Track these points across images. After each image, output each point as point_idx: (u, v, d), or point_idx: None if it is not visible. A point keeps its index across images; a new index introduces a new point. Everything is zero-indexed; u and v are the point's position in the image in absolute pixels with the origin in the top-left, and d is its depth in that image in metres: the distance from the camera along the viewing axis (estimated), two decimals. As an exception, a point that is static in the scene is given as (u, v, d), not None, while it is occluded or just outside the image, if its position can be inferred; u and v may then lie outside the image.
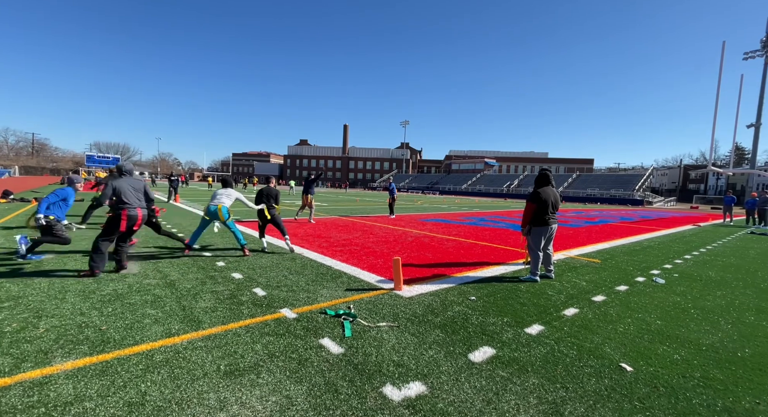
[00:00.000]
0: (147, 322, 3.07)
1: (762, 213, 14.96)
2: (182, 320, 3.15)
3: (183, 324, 3.07)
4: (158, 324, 3.05)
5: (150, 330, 2.93)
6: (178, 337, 2.82)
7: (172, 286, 4.12)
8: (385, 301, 3.85)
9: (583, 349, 2.79)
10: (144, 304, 3.49)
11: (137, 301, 3.57)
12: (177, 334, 2.87)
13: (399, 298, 3.96)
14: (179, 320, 3.14)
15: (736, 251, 8.15)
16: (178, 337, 2.83)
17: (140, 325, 3.02)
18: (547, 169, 5.02)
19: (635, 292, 4.45)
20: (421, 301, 3.87)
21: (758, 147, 45.98)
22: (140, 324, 3.04)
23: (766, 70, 46.86)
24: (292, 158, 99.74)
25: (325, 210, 15.94)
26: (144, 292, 3.85)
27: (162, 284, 4.16)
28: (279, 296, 3.88)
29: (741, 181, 58.92)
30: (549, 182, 4.87)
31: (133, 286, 4.04)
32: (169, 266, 4.98)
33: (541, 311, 3.64)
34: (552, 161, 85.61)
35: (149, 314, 3.26)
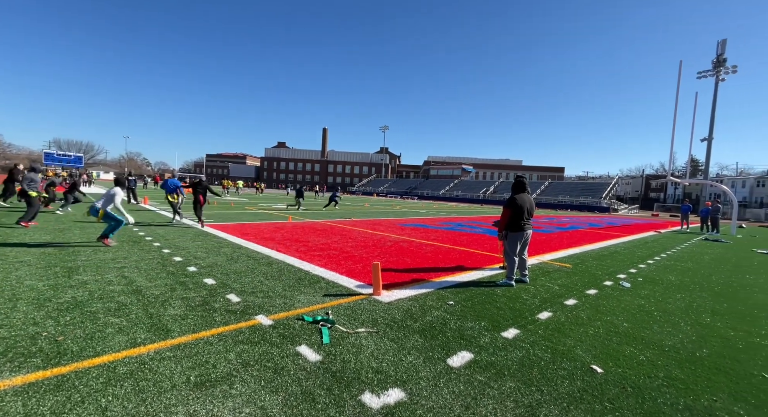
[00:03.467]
0: (109, 332, 2.89)
1: (714, 221, 16.10)
2: (149, 329, 2.98)
3: (150, 333, 2.90)
4: (122, 333, 2.87)
5: (113, 340, 2.75)
6: (144, 347, 2.66)
7: (139, 292, 3.90)
8: (364, 306, 3.81)
9: (557, 352, 2.86)
10: (107, 313, 3.28)
11: (99, 309, 3.35)
12: (143, 344, 2.71)
13: (378, 303, 3.93)
14: (146, 329, 2.97)
15: (693, 256, 8.70)
16: (144, 347, 2.67)
17: (102, 334, 2.83)
18: (523, 176, 5.18)
19: (604, 296, 4.64)
20: (400, 306, 3.86)
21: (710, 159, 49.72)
22: (102, 334, 2.84)
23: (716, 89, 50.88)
24: (269, 160, 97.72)
25: (302, 214, 15.70)
26: (107, 300, 3.62)
27: (127, 291, 3.93)
28: (254, 302, 3.75)
29: (696, 190, 63.29)
30: (524, 189, 5.02)
31: (94, 293, 3.79)
32: (135, 272, 4.72)
33: (516, 315, 3.72)
34: (526, 168, 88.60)
35: (112, 323, 3.06)
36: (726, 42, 51.73)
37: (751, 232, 18.80)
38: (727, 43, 52.03)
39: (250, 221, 11.41)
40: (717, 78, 50.53)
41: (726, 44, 51.42)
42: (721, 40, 51.81)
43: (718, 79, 50.48)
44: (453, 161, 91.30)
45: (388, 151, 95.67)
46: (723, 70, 50.54)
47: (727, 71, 50.15)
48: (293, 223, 11.40)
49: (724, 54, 51.18)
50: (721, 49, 51.46)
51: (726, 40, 51.65)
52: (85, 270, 4.68)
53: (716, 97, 51.28)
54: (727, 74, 50.24)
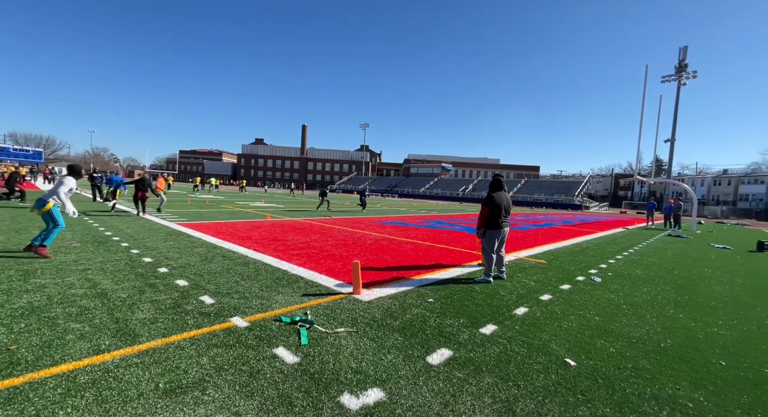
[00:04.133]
0: (70, 339, 2.71)
1: (677, 217, 17.05)
2: (114, 334, 2.82)
3: (115, 339, 2.74)
4: (84, 340, 2.70)
5: (73, 347, 2.58)
6: (108, 354, 2.51)
7: (104, 296, 3.69)
8: (343, 305, 3.77)
9: (533, 347, 2.93)
10: (67, 318, 3.08)
11: (58, 315, 3.14)
12: (107, 351, 2.55)
13: (358, 302, 3.90)
14: (110, 334, 2.81)
15: (657, 252, 9.18)
16: (108, 353, 2.52)
17: (61, 342, 2.65)
18: (500, 174, 5.27)
19: (577, 291, 4.80)
20: (380, 304, 3.84)
21: (673, 159, 52.68)
22: (61, 341, 2.66)
23: (678, 92, 53.86)
24: (247, 157, 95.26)
25: (281, 212, 15.40)
26: (68, 304, 3.40)
27: (91, 294, 3.70)
28: (229, 304, 3.63)
29: (660, 188, 66.87)
30: (502, 187, 5.12)
31: (53, 298, 3.55)
32: (100, 274, 4.47)
33: (494, 311, 3.79)
34: (503, 167, 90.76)
35: (73, 329, 2.87)
36: (687, 48, 54.72)
37: (708, 228, 20.07)
38: (688, 49, 55.01)
39: (226, 220, 11.08)
40: (679, 82, 53.45)
41: (687, 51, 54.41)
42: (682, 47, 54.78)
43: (680, 83, 53.40)
44: (433, 159, 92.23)
45: (368, 148, 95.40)
46: (684, 75, 53.48)
47: (688, 76, 53.12)
48: (271, 222, 11.16)
49: (686, 60, 54.17)
50: (682, 55, 54.42)
51: (687, 47, 54.64)
52: (44, 273, 4.38)
53: (678, 101, 54.28)
54: (688, 79, 53.23)
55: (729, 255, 9.32)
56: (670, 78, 53.42)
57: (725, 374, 2.64)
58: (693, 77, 53.41)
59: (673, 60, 64.29)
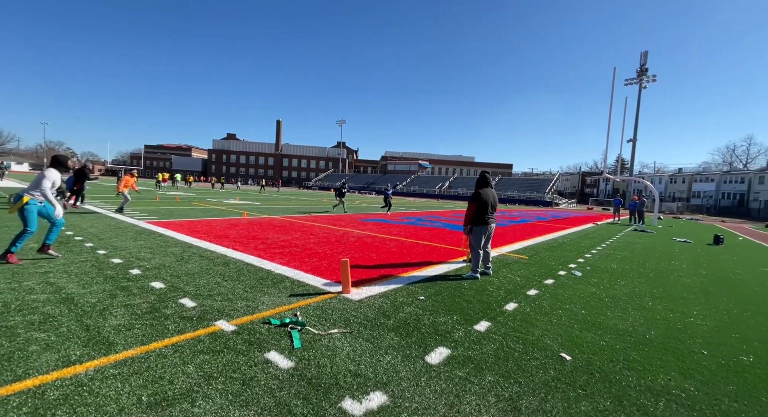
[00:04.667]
0: (34, 350, 2.44)
1: (641, 213, 18.07)
2: (86, 343, 2.57)
3: (87, 348, 2.50)
4: (50, 350, 2.44)
5: (39, 359, 2.32)
6: (80, 365, 2.28)
7: (70, 301, 3.38)
8: (334, 305, 3.66)
9: (528, 342, 2.96)
10: (28, 327, 2.78)
11: (18, 324, 2.83)
12: (79, 362, 2.32)
13: (348, 301, 3.79)
14: (81, 344, 2.56)
15: (627, 246, 9.66)
16: (80, 365, 2.29)
17: (23, 354, 2.38)
18: (487, 171, 5.31)
19: (560, 285, 4.93)
20: (371, 303, 3.76)
21: (635, 158, 55.96)
22: (23, 353, 2.39)
23: (639, 95, 57.00)
24: (218, 153, 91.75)
25: (258, 209, 14.92)
26: (28, 311, 3.07)
27: (55, 300, 3.38)
28: (212, 307, 3.42)
29: (623, 186, 70.85)
30: (488, 184, 5.15)
31: (10, 305, 3.20)
32: (63, 277, 4.09)
33: (485, 307, 3.80)
34: (479, 165, 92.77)
35: (37, 339, 2.59)
36: (647, 53, 57.84)
37: (667, 223, 21.46)
38: (648, 54, 58.13)
39: (199, 218, 10.57)
40: (640, 85, 56.52)
41: (647, 55, 57.56)
42: (643, 52, 57.89)
43: (641, 86, 56.49)
44: (410, 156, 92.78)
45: (345, 145, 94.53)
46: (645, 79, 56.58)
47: (648, 80, 56.24)
48: (249, 220, 10.77)
49: (646, 64, 57.33)
50: (643, 59, 57.55)
51: (647, 52, 57.76)
52: (-3, 277, 3.96)
53: (639, 103, 57.43)
54: (648, 82, 56.39)
55: (690, 248, 9.96)
56: (633, 81, 56.38)
57: (709, 363, 2.77)
58: (653, 81, 56.61)
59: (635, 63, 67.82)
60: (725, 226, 22.68)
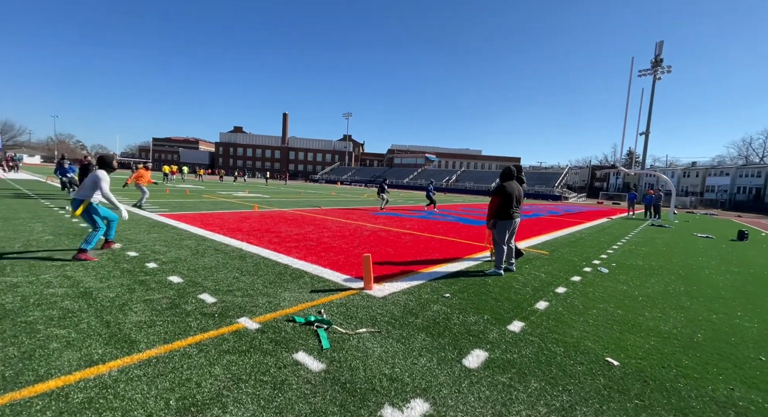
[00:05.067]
0: (55, 348, 2.34)
1: (657, 208, 17.62)
2: (107, 341, 2.46)
3: (109, 346, 2.39)
4: (72, 348, 2.34)
5: (60, 358, 2.22)
6: (103, 365, 2.17)
7: (88, 295, 3.29)
8: (357, 302, 3.52)
9: (568, 345, 2.79)
10: (48, 323, 2.69)
11: (37, 319, 2.74)
12: (102, 361, 2.21)
13: (372, 298, 3.65)
14: (103, 341, 2.45)
15: (647, 242, 9.37)
16: (103, 364, 2.18)
17: (44, 352, 2.28)
18: (514, 165, 5.10)
19: (588, 283, 4.74)
20: (396, 300, 3.61)
21: (647, 152, 54.79)
22: (44, 350, 2.29)
23: (653, 86, 55.54)
24: (225, 146, 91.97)
25: (267, 202, 14.85)
26: (47, 306, 2.99)
27: (73, 294, 3.29)
28: (233, 303, 3.30)
29: (634, 180, 69.58)
30: (513, 177, 4.94)
31: (29, 298, 3.12)
32: (80, 270, 4.01)
33: (515, 306, 3.63)
34: (486, 158, 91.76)
35: (57, 336, 2.50)
36: (663, 43, 56.18)
37: (683, 218, 20.95)
38: (663, 44, 56.47)
39: (211, 210, 10.51)
40: (654, 77, 54.97)
41: (663, 45, 55.90)
42: (658, 42, 56.21)
43: (655, 77, 54.96)
44: (416, 150, 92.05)
45: (351, 138, 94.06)
46: (660, 70, 55.00)
47: (663, 71, 54.66)
48: (260, 213, 10.68)
49: (661, 54, 55.70)
50: (658, 49, 55.92)
51: (663, 42, 56.06)
52: (14, 270, 3.90)
53: (653, 94, 55.98)
54: (663, 73, 54.83)
55: (714, 244, 9.64)
56: (647, 72, 54.86)
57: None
58: (668, 72, 54.98)
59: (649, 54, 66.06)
60: (742, 221, 22.10)
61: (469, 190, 55.27)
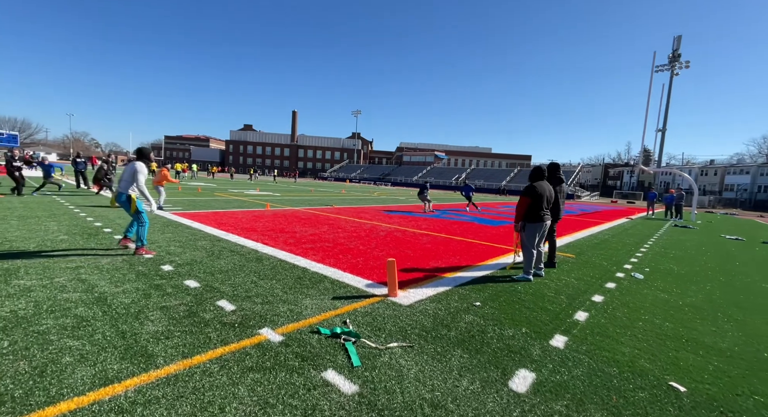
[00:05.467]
0: (68, 362, 2.17)
1: (678, 208, 17.03)
2: (123, 355, 2.29)
3: (125, 361, 2.22)
4: (86, 363, 2.17)
5: (73, 375, 2.05)
6: (119, 384, 2.00)
7: (103, 301, 3.14)
8: (383, 311, 3.30)
9: (622, 365, 2.53)
10: (61, 332, 2.53)
11: (50, 328, 2.59)
12: (118, 379, 2.04)
13: (398, 306, 3.44)
14: (119, 355, 2.28)
15: (675, 244, 8.95)
16: (119, 383, 2.01)
17: (57, 367, 2.12)
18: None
19: (625, 290, 4.44)
20: (424, 309, 3.39)
21: (664, 149, 53.36)
22: (57, 366, 2.13)
23: (671, 82, 53.96)
24: (235, 144, 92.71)
25: (279, 201, 14.75)
26: (60, 313, 2.84)
27: (88, 300, 3.14)
28: (253, 311, 3.12)
29: (649, 178, 67.95)
30: (543, 176, 4.66)
31: (42, 304, 2.98)
32: (95, 273, 3.88)
33: (553, 317, 3.38)
34: (495, 156, 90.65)
35: (71, 348, 2.33)
36: (681, 38, 54.45)
37: (704, 218, 20.23)
38: (681, 39, 54.74)
39: (223, 209, 10.42)
40: (672, 72, 53.36)
41: (681, 40, 54.19)
42: (676, 36, 54.50)
43: (672, 73, 53.34)
44: (425, 148, 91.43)
45: (360, 136, 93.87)
46: (677, 65, 53.35)
47: (681, 66, 53.02)
48: (273, 212, 10.55)
49: (679, 49, 54.01)
50: (676, 44, 54.24)
51: (681, 37, 54.36)
52: (28, 272, 3.78)
53: (671, 90, 54.41)
54: (680, 69, 53.18)
55: (746, 247, 9.18)
56: (664, 68, 53.30)
57: None
58: (686, 67, 53.33)
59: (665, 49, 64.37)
60: (766, 222, 21.27)
61: (480, 189, 54.64)
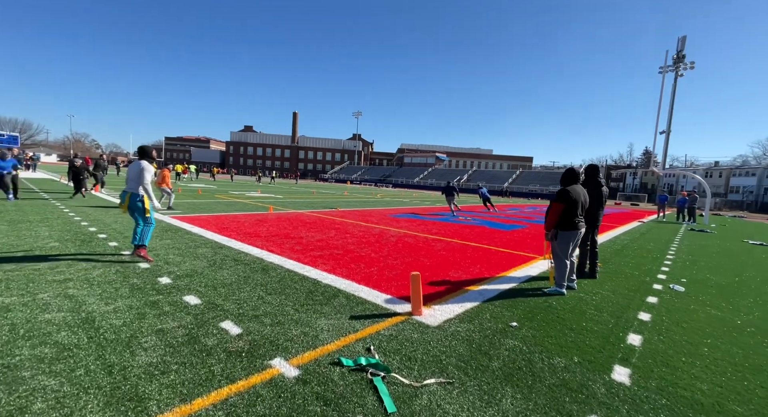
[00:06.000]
0: (39, 410, 1.77)
1: (691, 211, 16.61)
2: (109, 399, 1.88)
3: (110, 409, 1.81)
4: (61, 412, 1.76)
5: (44, 430, 1.64)
6: (100, 443, 1.58)
7: (90, 323, 2.73)
8: (409, 333, 2.89)
9: (710, 411, 2.11)
10: (37, 366, 2.12)
11: (25, 360, 2.18)
12: (99, 435, 1.62)
13: (425, 328, 3.03)
14: (103, 400, 1.87)
15: (700, 250, 8.53)
16: (100, 441, 1.59)
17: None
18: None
19: (670, 306, 4.02)
20: (455, 332, 2.98)
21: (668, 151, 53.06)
22: (26, 416, 1.72)
23: (675, 83, 53.56)
24: (236, 145, 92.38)
25: (281, 203, 14.35)
26: (40, 339, 2.43)
27: (72, 322, 2.73)
28: (262, 335, 2.71)
29: (652, 180, 67.45)
30: (578, 180, 4.26)
31: (19, 327, 2.58)
32: (85, 287, 3.47)
33: (603, 341, 2.96)
34: (497, 158, 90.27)
35: (46, 389, 1.93)
36: (686, 38, 54.07)
37: (715, 221, 19.78)
38: (686, 39, 54.44)
39: (224, 212, 10.01)
40: (676, 73, 52.91)
41: (686, 41, 53.81)
42: (681, 37, 54.04)
43: (677, 74, 52.91)
44: (426, 149, 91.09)
45: (361, 137, 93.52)
46: (682, 66, 52.90)
47: (685, 67, 52.53)
48: (276, 215, 10.15)
49: (683, 50, 53.62)
50: (680, 45, 53.80)
51: (686, 37, 53.96)
52: (9, 287, 3.38)
53: (675, 91, 53.97)
54: (685, 70, 52.73)
55: (772, 253, 8.75)
56: (668, 69, 52.92)
57: None
58: (690, 68, 52.81)
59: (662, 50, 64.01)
60: (779, 225, 20.84)
61: (482, 190, 54.18)
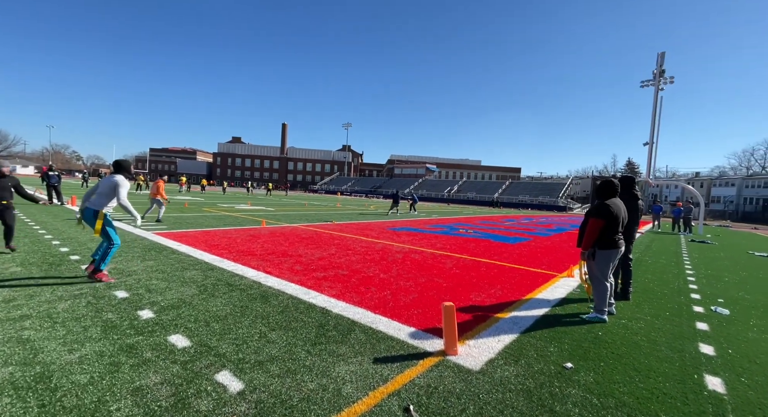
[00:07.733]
0: None
1: (687, 221, 16.63)
2: None
3: None
4: None
5: None
6: None
7: (46, 381, 2.11)
8: (450, 383, 2.36)
9: None
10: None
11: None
12: None
13: (467, 373, 2.50)
14: None
15: (713, 263, 8.27)
16: None
17: None
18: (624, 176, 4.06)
19: (726, 335, 3.60)
20: (503, 378, 2.46)
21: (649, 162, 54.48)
22: None
23: (656, 97, 55.40)
24: (223, 156, 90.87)
25: (273, 216, 13.67)
26: (-29, 414, 1.81)
27: (21, 381, 2.11)
28: (270, 391, 2.14)
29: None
30: (617, 193, 3.86)
31: (-52, 394, 1.94)
32: (46, 325, 2.83)
33: (681, 387, 2.49)
34: (485, 169, 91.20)
35: None
36: (665, 54, 56.25)
37: (705, 231, 19.92)
38: (665, 55, 56.60)
39: (214, 227, 9.32)
40: (656, 88, 54.84)
41: (665, 56, 55.96)
42: (660, 53, 56.29)
43: (657, 88, 54.84)
44: (417, 160, 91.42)
45: (350, 148, 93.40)
46: (662, 81, 54.83)
47: (665, 81, 54.50)
48: (270, 229, 9.51)
49: (663, 65, 55.72)
50: (660, 60, 55.97)
51: (665, 53, 56.14)
52: (-52, 329, 2.72)
53: (656, 105, 55.78)
54: (665, 84, 54.69)
55: (783, 266, 8.56)
56: (649, 83, 54.79)
57: None
58: (670, 83, 54.85)
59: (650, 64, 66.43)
60: (764, 234, 21.16)
61: (473, 201, 54.30)
